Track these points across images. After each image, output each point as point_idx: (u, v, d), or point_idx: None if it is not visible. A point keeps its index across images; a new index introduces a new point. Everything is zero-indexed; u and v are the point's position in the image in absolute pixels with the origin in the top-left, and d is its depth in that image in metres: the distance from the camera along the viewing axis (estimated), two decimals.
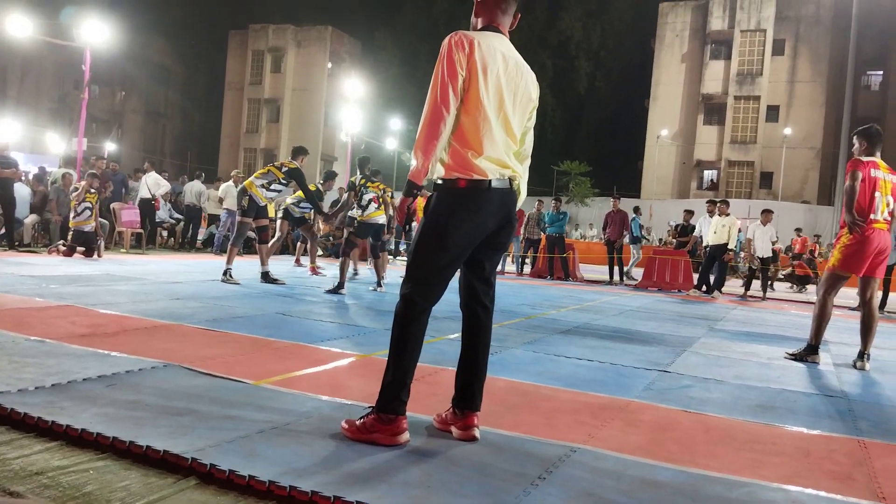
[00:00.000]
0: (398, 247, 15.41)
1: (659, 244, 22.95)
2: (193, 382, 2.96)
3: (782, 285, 16.99)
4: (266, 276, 7.80)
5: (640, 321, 6.87)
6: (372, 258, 8.35)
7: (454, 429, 2.49)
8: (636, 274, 14.14)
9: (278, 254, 11.36)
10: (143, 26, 41.60)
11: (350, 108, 23.86)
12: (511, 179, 2.48)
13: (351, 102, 24.05)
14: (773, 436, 2.90)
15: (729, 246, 11.24)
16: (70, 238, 9.75)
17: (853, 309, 9.61)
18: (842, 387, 4.15)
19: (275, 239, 9.39)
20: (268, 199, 7.83)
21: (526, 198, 2.66)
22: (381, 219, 7.68)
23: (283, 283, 7.77)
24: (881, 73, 37.12)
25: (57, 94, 43.21)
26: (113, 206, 11.81)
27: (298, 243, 11.91)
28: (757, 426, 3.03)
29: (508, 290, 9.35)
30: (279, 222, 9.78)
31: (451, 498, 1.93)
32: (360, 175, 7.72)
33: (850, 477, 2.43)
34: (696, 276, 12.45)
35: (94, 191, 10.05)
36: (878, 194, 4.81)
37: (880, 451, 2.80)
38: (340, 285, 7.26)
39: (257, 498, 1.87)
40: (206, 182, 14.46)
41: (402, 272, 2.61)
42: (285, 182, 7.84)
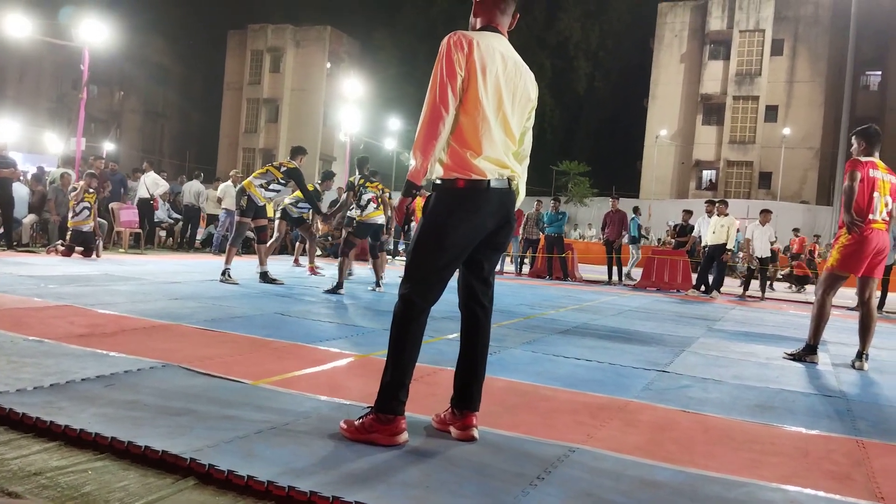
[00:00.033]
0: (397, 247, 15.40)
1: (658, 244, 22.96)
2: (192, 382, 2.96)
3: (781, 285, 17.02)
4: (265, 276, 7.80)
5: (639, 321, 6.87)
6: (371, 258, 8.34)
7: (453, 429, 2.49)
8: (635, 274, 14.15)
9: (277, 254, 11.35)
10: (141, 26, 41.57)
11: (349, 108, 23.86)
12: (510, 179, 2.48)
13: (350, 102, 24.05)
14: (771, 436, 2.91)
15: (728, 246, 11.27)
16: (68, 238, 9.74)
17: (852, 309, 9.61)
18: (840, 387, 4.15)
19: (273, 239, 9.38)
20: (266, 198, 7.84)
21: (525, 198, 2.66)
22: (379, 219, 7.68)
23: (281, 283, 7.77)
24: (880, 73, 37.20)
25: (55, 94, 43.17)
26: (111, 205, 11.80)
27: (297, 243, 11.91)
28: (755, 426, 3.04)
29: (507, 290, 9.35)
30: (277, 223, 9.78)
31: (450, 498, 1.93)
32: (358, 175, 7.72)
33: (849, 477, 2.43)
34: (694, 277, 12.47)
35: (92, 191, 10.05)
36: (876, 194, 4.82)
37: (879, 451, 2.80)
38: (339, 285, 7.26)
39: (256, 498, 1.87)
40: (204, 182, 14.44)
41: (400, 272, 2.61)
42: (284, 182, 7.84)
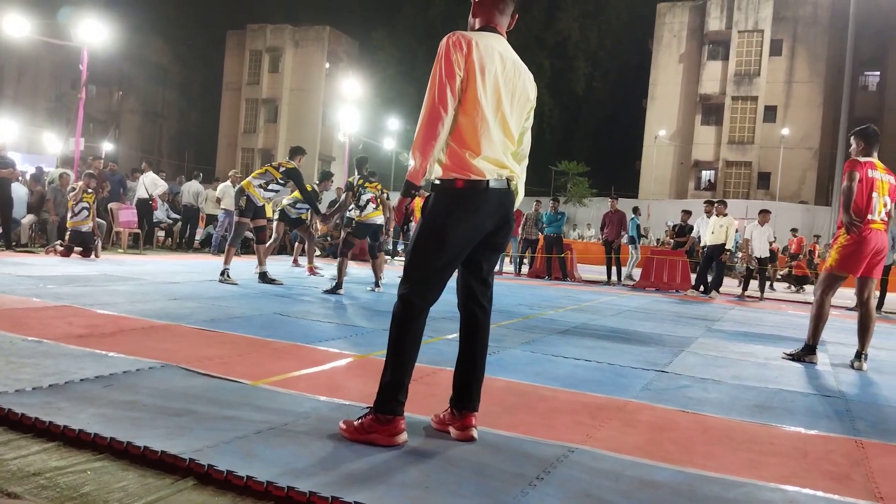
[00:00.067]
0: (396, 247, 15.40)
1: (657, 244, 22.97)
2: (191, 383, 2.96)
3: (781, 285, 17.04)
4: (264, 277, 7.79)
5: (638, 321, 6.87)
6: (370, 258, 8.34)
7: (452, 429, 2.49)
8: (636, 274, 14.15)
9: (276, 254, 11.35)
10: (140, 26, 41.61)
11: (348, 108, 23.84)
12: (509, 180, 2.48)
13: (349, 102, 24.03)
14: (770, 436, 2.91)
15: (727, 246, 11.29)
16: (67, 238, 9.73)
17: (851, 309, 9.62)
18: (839, 387, 4.16)
19: (272, 240, 9.38)
20: (265, 199, 7.84)
21: (524, 198, 2.66)
22: (379, 219, 7.68)
23: (280, 283, 7.76)
24: (878, 73, 37.25)
25: (54, 94, 43.17)
26: (110, 206, 11.80)
27: (296, 243, 11.90)
28: (754, 426, 3.04)
29: (506, 291, 9.35)
30: (275, 224, 9.77)
31: (450, 498, 1.93)
32: (357, 175, 7.72)
33: (848, 477, 2.43)
34: (693, 277, 12.47)
35: (91, 191, 10.04)
36: (875, 195, 4.82)
37: (878, 451, 2.80)
38: (338, 286, 7.26)
39: (255, 498, 1.87)
40: (203, 182, 14.43)
41: (399, 272, 2.61)
42: (283, 182, 7.84)
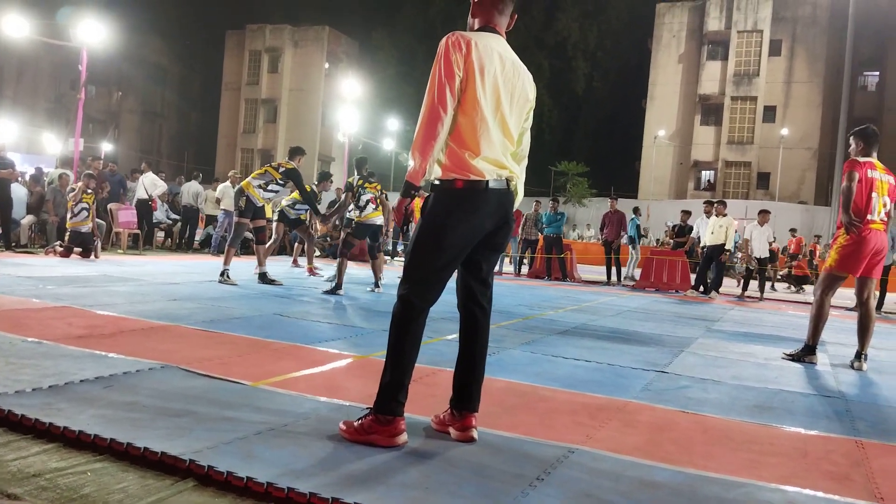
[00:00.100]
0: (396, 247, 15.40)
1: (656, 245, 22.98)
2: (191, 384, 2.96)
3: (782, 285, 17.05)
4: (263, 277, 7.79)
5: (638, 322, 6.87)
6: (370, 259, 8.34)
7: (452, 430, 2.49)
8: (637, 274, 14.14)
9: (276, 254, 11.35)
10: (139, 26, 41.62)
11: (347, 108, 23.83)
12: (508, 180, 2.48)
13: (348, 103, 24.02)
14: (770, 436, 2.91)
15: (726, 246, 11.29)
16: (67, 239, 9.73)
17: (850, 309, 9.63)
18: (839, 387, 4.16)
19: (271, 241, 9.38)
20: (265, 199, 7.83)
21: (523, 198, 2.66)
22: (378, 219, 7.67)
23: (280, 283, 7.76)
24: (878, 73, 37.27)
25: (53, 95, 43.16)
26: (110, 206, 11.79)
27: (296, 244, 11.90)
28: (754, 427, 3.04)
29: (506, 291, 9.35)
30: (275, 225, 9.76)
31: (450, 499, 1.93)
32: (357, 176, 7.72)
33: (848, 477, 2.43)
34: (693, 277, 12.48)
35: (90, 191, 10.04)
36: (874, 195, 4.82)
37: (878, 451, 2.81)
38: (338, 286, 7.26)
39: (255, 500, 1.87)
40: (203, 183, 14.42)
41: (399, 273, 2.61)
42: (282, 182, 7.84)
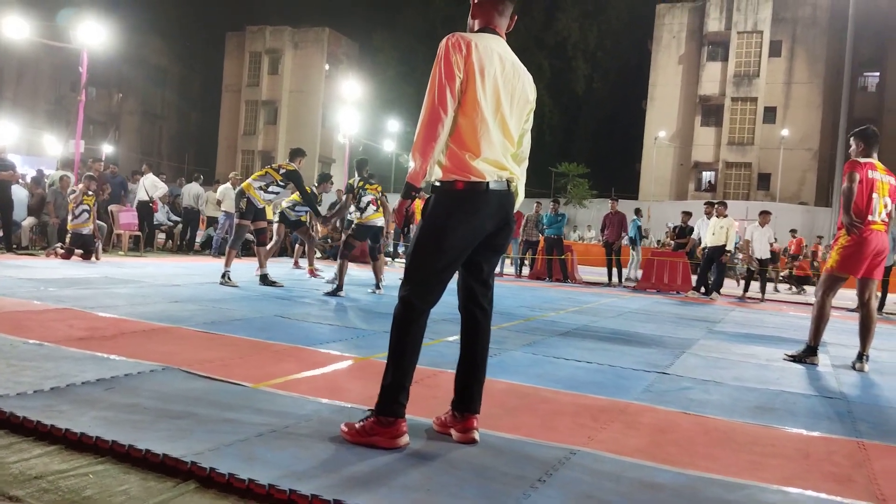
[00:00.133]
0: (396, 249, 15.40)
1: (657, 246, 22.97)
2: (192, 385, 2.96)
3: (784, 286, 17.05)
4: (264, 279, 7.79)
5: (639, 323, 6.87)
6: (371, 260, 8.34)
7: (454, 431, 2.49)
8: (639, 275, 14.14)
9: (277, 256, 11.35)
10: (139, 27, 41.67)
11: (347, 109, 23.84)
12: (509, 181, 2.48)
13: (348, 104, 24.03)
14: (772, 438, 2.90)
15: (727, 247, 11.29)
16: (68, 241, 9.73)
17: (852, 310, 9.62)
18: (841, 388, 4.15)
19: (272, 243, 9.38)
20: (266, 200, 7.83)
21: (524, 199, 2.66)
22: (379, 221, 7.67)
23: (281, 285, 7.76)
24: (878, 74, 37.25)
25: (54, 96, 43.20)
26: (111, 208, 11.79)
27: (297, 245, 11.90)
28: (756, 428, 3.03)
29: (507, 293, 9.34)
30: (276, 226, 9.77)
31: (451, 500, 1.93)
32: (358, 177, 7.72)
33: (850, 479, 2.43)
34: (694, 278, 12.47)
35: (91, 193, 10.03)
36: (875, 196, 4.82)
37: (880, 452, 2.80)
38: (339, 288, 7.26)
39: (257, 501, 1.87)
40: (203, 184, 14.43)
41: (399, 274, 2.61)
42: (283, 184, 7.84)
